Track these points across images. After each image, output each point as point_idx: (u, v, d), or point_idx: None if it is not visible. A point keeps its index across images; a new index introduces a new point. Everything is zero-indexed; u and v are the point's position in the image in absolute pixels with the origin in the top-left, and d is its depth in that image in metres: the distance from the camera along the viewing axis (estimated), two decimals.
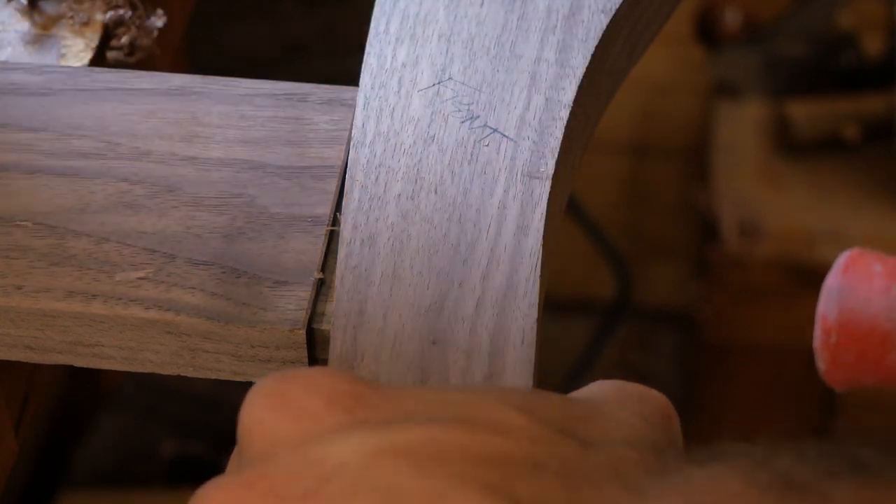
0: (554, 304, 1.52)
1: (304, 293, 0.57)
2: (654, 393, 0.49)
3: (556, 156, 0.61)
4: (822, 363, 0.60)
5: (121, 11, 0.70)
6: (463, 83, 0.63)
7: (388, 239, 0.58)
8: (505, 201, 0.59)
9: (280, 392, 0.44)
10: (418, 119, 0.62)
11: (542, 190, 0.59)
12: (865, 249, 0.61)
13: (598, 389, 0.49)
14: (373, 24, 0.66)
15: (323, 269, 0.59)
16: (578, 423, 0.44)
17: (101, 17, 0.70)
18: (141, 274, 0.58)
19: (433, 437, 0.42)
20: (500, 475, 0.41)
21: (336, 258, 0.58)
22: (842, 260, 0.60)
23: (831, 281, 0.59)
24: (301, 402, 0.43)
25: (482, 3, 0.66)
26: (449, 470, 0.41)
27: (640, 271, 1.54)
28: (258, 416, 0.44)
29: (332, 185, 0.61)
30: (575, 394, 0.49)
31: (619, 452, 0.43)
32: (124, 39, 0.69)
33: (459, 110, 0.63)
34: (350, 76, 0.65)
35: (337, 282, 0.57)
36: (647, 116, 1.61)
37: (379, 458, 0.41)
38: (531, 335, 0.55)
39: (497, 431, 0.42)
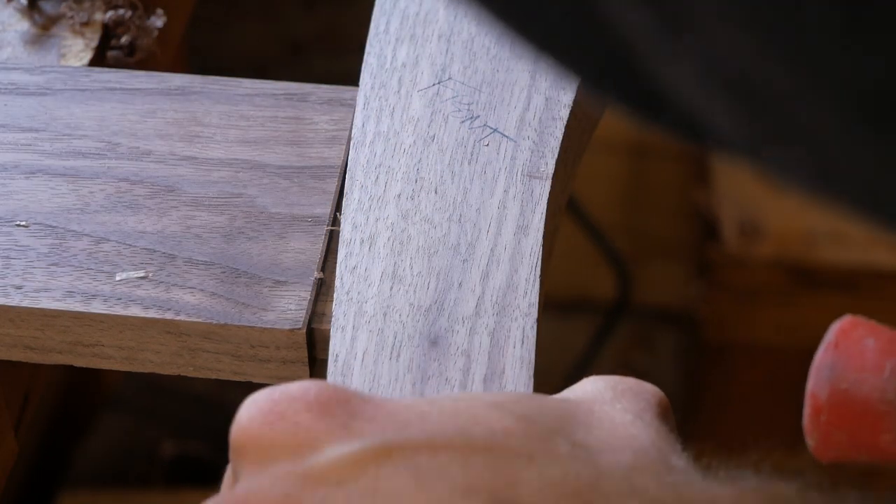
0: (554, 304, 1.52)
1: (304, 293, 0.57)
2: (648, 386, 0.48)
3: (556, 156, 0.61)
4: (811, 441, 0.59)
5: (121, 11, 0.70)
6: (463, 83, 0.63)
7: (388, 239, 0.58)
8: (505, 201, 0.59)
9: (273, 407, 0.43)
10: (418, 119, 0.62)
11: (542, 190, 0.59)
12: (857, 319, 0.60)
13: (591, 387, 0.48)
14: (373, 24, 0.66)
15: (323, 269, 0.59)
16: (578, 428, 0.44)
17: (101, 17, 0.70)
18: (141, 274, 0.58)
19: (432, 449, 0.41)
20: (503, 486, 0.40)
21: (336, 258, 0.58)
22: (832, 334, 0.59)
23: (822, 357, 0.58)
24: (295, 417, 0.42)
25: None
26: (450, 483, 0.40)
27: (640, 271, 1.54)
28: (251, 433, 0.42)
29: (332, 185, 0.61)
30: (568, 392, 0.48)
31: (625, 460, 0.42)
32: (124, 39, 0.69)
33: (459, 110, 0.62)
34: (350, 76, 0.65)
35: (337, 282, 0.57)
36: None
37: (376, 472, 0.40)
38: (531, 335, 0.55)
39: (497, 441, 0.42)
